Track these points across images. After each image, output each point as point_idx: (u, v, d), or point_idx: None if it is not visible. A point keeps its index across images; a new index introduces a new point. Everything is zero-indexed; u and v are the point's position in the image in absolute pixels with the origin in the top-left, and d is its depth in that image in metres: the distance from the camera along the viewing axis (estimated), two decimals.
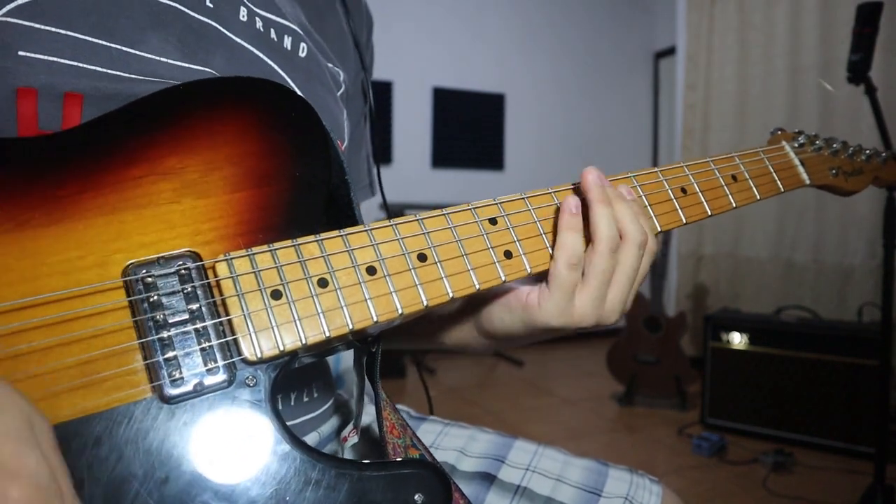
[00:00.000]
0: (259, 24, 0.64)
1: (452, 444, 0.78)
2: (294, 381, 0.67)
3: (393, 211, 1.26)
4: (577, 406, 3.33)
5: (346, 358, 1.00)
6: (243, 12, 0.63)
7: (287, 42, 0.67)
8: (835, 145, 0.80)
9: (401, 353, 3.33)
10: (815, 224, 3.40)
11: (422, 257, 0.50)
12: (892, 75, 2.99)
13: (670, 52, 4.70)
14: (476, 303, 0.62)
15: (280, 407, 0.59)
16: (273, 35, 0.65)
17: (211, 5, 0.60)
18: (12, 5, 0.48)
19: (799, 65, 3.48)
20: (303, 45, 0.68)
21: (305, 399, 0.69)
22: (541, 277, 0.58)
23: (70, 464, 0.37)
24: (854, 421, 2.52)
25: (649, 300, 3.23)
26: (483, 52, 4.60)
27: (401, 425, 0.56)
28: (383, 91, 4.19)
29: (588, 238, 0.56)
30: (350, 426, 0.63)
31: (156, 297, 0.43)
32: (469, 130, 4.58)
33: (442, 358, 4.12)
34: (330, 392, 0.76)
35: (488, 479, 0.73)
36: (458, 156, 4.56)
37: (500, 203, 0.55)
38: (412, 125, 4.40)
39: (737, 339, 2.82)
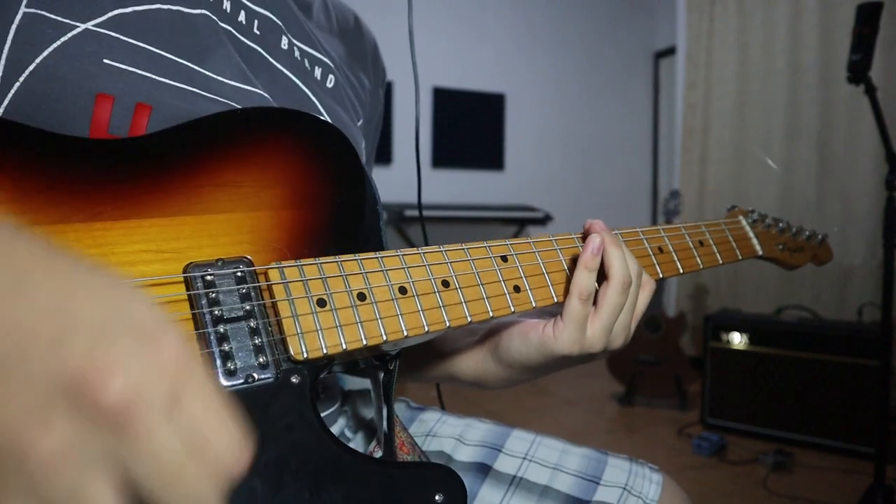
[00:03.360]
0: (297, 53, 0.70)
1: (449, 431, 0.80)
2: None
3: (393, 211, 1.26)
4: (577, 406, 3.33)
5: None
6: (284, 41, 0.69)
7: (317, 72, 0.73)
8: (780, 224, 0.90)
9: None
10: (816, 224, 3.38)
11: (445, 283, 0.56)
12: (892, 75, 3.00)
13: (670, 52, 4.71)
14: (495, 337, 0.66)
15: None
16: (307, 64, 0.71)
17: (258, 32, 0.66)
18: (106, 16, 0.52)
19: (799, 65, 3.49)
20: (330, 76, 0.75)
21: None
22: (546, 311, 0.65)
23: None
24: (854, 421, 2.53)
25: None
26: (483, 52, 4.60)
27: (410, 444, 0.61)
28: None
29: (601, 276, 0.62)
30: (374, 443, 0.66)
31: (214, 294, 0.46)
32: (469, 130, 4.59)
33: None
34: (336, 393, 0.77)
35: (483, 470, 0.74)
36: (458, 156, 4.56)
37: (511, 244, 0.63)
38: (412, 125, 4.39)
39: (737, 339, 2.83)
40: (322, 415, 0.71)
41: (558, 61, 4.85)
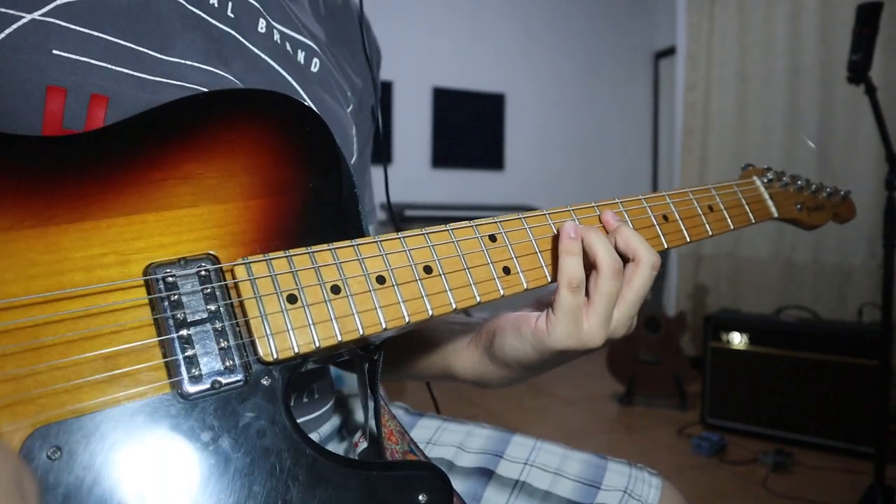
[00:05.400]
0: (276, 36, 0.66)
1: (450, 439, 0.79)
2: (296, 382, 0.68)
3: (394, 211, 1.26)
4: (577, 406, 3.33)
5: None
6: (262, 24, 0.65)
7: (300, 56, 0.69)
8: (799, 182, 0.84)
9: None
10: None
11: (427, 269, 0.52)
12: (892, 75, 2.99)
13: (670, 52, 4.71)
14: (489, 336, 0.63)
15: None
16: (289, 48, 0.68)
17: (232, 15, 0.62)
18: (51, 6, 0.50)
19: (799, 65, 3.49)
20: (315, 60, 0.71)
21: (306, 400, 0.70)
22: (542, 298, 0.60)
23: (88, 459, 0.38)
24: (854, 421, 2.52)
25: (649, 300, 3.23)
26: (483, 51, 4.60)
27: (399, 432, 0.58)
28: (383, 91, 4.19)
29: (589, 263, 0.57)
30: (359, 433, 0.64)
31: (176, 297, 0.44)
32: (469, 130, 4.58)
33: None
34: (330, 393, 0.76)
35: (486, 474, 0.74)
36: (458, 156, 4.56)
37: (500, 221, 0.58)
38: (412, 125, 4.40)
39: (737, 339, 2.83)
40: (315, 414, 0.71)
41: (558, 61, 4.85)
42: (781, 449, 2.52)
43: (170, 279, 0.44)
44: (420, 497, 0.46)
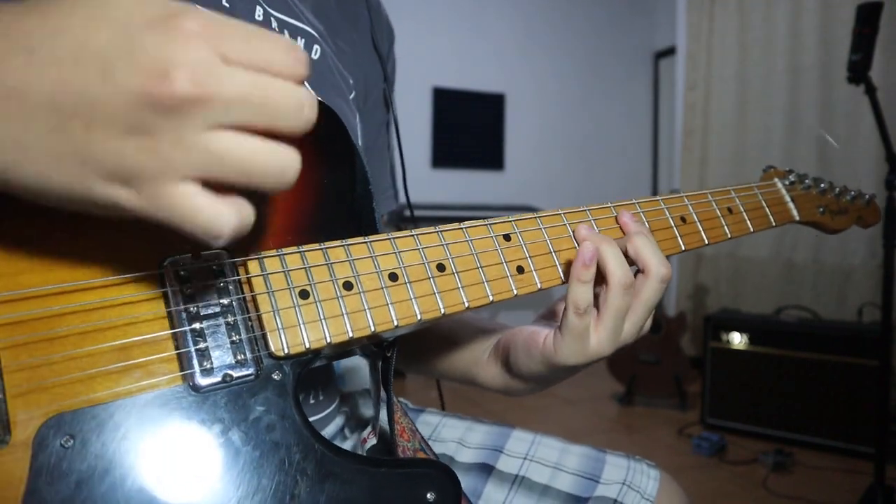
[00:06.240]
0: (274, 24, 0.66)
1: (451, 435, 0.80)
2: (302, 383, 0.68)
3: (394, 211, 1.26)
4: (577, 406, 3.33)
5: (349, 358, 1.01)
6: (259, 12, 0.65)
7: (300, 43, 0.68)
8: (822, 185, 0.83)
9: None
10: None
11: (440, 267, 0.53)
12: (893, 75, 2.99)
13: (670, 52, 4.71)
14: (504, 352, 0.64)
15: None
16: (287, 35, 0.67)
17: (227, 4, 0.62)
18: None
19: (799, 65, 3.49)
20: (315, 47, 0.70)
21: (311, 401, 0.70)
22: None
23: (101, 448, 0.39)
24: (854, 421, 2.53)
25: None
26: (483, 52, 4.60)
27: (410, 430, 0.59)
28: None
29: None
30: (369, 428, 0.65)
31: (189, 290, 0.44)
32: (469, 130, 4.58)
33: None
34: (334, 393, 0.77)
35: (486, 470, 0.74)
36: (458, 156, 4.55)
37: (514, 221, 0.58)
38: (412, 125, 4.39)
39: (737, 339, 2.83)
40: (320, 415, 0.71)
41: (558, 61, 4.84)
42: (781, 449, 2.53)
43: (183, 273, 0.45)
44: (428, 495, 0.47)
